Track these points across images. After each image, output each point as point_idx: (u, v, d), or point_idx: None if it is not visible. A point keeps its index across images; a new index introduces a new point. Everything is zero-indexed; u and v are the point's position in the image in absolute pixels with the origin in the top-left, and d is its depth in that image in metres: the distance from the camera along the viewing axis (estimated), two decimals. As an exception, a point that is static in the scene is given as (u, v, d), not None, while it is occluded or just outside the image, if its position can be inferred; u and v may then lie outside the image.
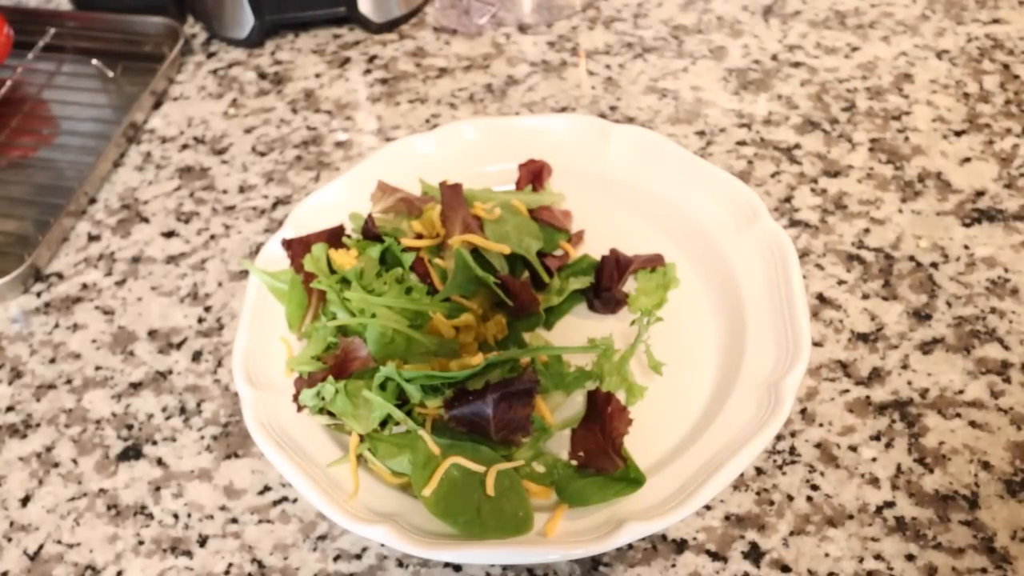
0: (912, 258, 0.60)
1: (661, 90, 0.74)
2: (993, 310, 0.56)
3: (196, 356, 0.59)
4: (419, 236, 0.55)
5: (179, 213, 0.69)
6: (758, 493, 0.49)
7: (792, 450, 0.51)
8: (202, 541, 0.50)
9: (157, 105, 0.79)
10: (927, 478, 0.49)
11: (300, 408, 0.49)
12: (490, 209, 0.56)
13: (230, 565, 0.49)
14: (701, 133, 0.70)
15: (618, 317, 0.56)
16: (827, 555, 0.47)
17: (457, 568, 0.48)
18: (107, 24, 0.84)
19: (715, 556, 0.47)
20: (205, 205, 0.70)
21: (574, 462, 0.48)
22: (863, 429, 0.51)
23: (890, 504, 0.48)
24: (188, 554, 0.50)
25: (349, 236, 0.57)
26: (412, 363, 0.49)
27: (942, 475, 0.49)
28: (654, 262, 0.57)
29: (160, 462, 0.54)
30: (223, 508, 0.52)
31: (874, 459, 0.50)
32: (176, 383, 0.58)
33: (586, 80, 0.76)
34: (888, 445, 0.51)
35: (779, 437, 0.52)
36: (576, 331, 0.56)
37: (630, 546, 0.48)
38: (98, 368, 0.59)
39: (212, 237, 0.67)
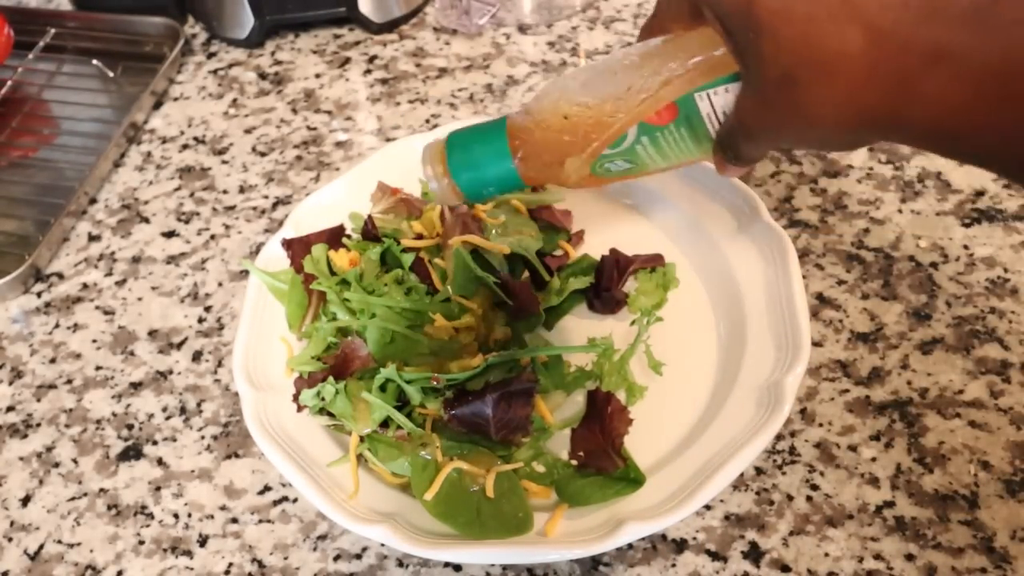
0: (912, 258, 0.60)
1: (661, 90, 0.74)
2: (993, 310, 0.56)
3: (196, 356, 0.59)
4: (419, 236, 0.55)
5: (179, 213, 0.69)
6: (758, 493, 0.49)
7: (792, 450, 0.51)
8: (202, 541, 0.50)
9: (157, 105, 0.79)
10: (927, 478, 0.49)
11: (300, 408, 0.50)
12: (490, 209, 0.56)
13: (230, 565, 0.49)
14: (701, 133, 0.70)
15: (618, 317, 0.56)
16: (827, 555, 0.47)
17: (457, 568, 0.48)
18: (107, 24, 0.85)
19: (715, 556, 0.47)
20: (205, 205, 0.70)
21: (574, 462, 0.48)
22: (863, 429, 0.51)
23: (890, 504, 0.48)
24: (188, 554, 0.50)
25: (349, 236, 0.57)
26: (412, 363, 0.49)
27: (942, 475, 0.49)
28: (654, 262, 0.57)
29: (160, 462, 0.54)
30: (223, 508, 0.52)
31: (874, 459, 0.50)
32: (176, 383, 0.58)
33: (586, 80, 0.76)
34: (888, 445, 0.51)
35: (779, 437, 0.52)
36: (576, 331, 0.56)
37: (630, 546, 0.48)
38: (98, 368, 0.59)
39: (212, 237, 0.67)
